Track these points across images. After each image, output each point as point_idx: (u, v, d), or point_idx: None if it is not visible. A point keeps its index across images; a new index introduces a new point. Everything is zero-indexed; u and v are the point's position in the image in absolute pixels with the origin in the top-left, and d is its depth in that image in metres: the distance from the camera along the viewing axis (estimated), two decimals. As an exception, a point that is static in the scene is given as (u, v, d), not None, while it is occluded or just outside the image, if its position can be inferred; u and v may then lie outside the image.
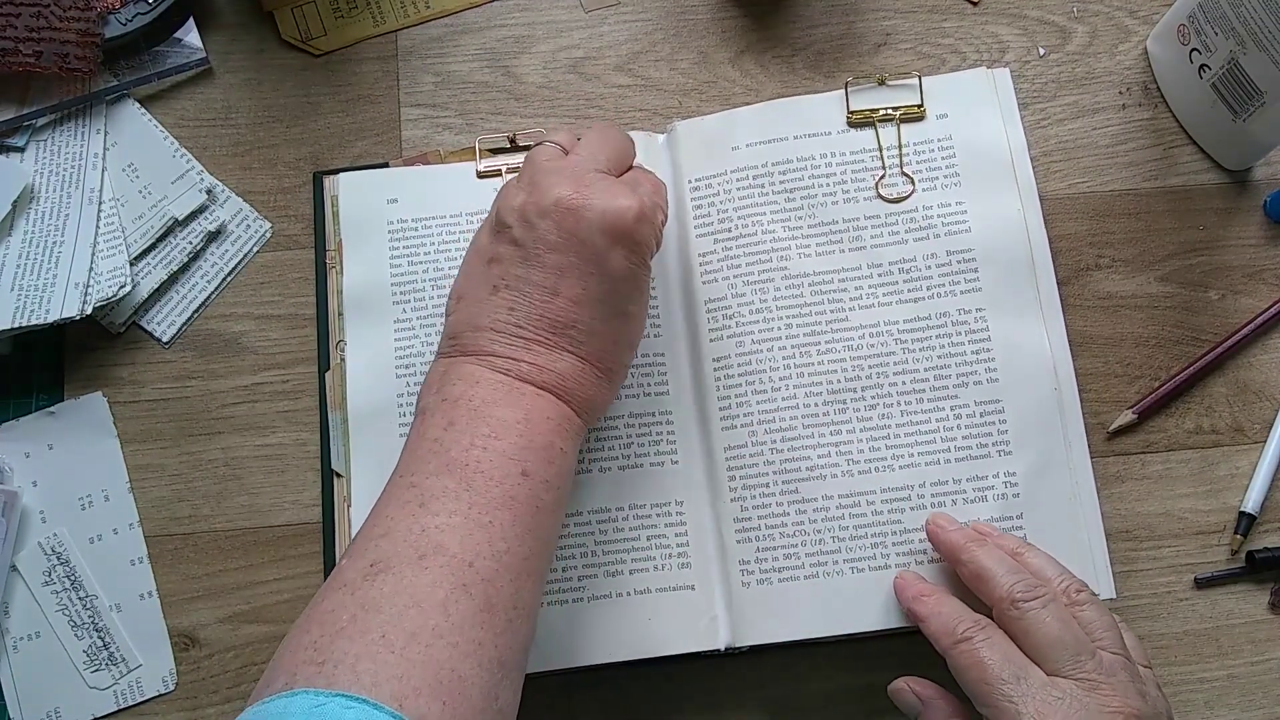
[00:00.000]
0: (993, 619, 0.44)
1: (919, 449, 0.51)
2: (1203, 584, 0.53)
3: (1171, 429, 0.55)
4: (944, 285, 0.53)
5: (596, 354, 0.45)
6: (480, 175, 0.56)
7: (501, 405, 0.42)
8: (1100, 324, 0.56)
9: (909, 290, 0.53)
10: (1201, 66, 0.55)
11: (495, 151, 0.57)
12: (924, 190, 0.54)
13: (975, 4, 0.61)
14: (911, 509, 0.50)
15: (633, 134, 0.56)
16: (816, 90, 0.59)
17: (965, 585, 0.47)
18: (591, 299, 0.44)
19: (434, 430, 0.42)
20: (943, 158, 0.55)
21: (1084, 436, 0.52)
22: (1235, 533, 0.53)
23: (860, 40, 0.60)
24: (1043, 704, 0.40)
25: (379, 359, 0.54)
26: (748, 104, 0.57)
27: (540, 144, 0.49)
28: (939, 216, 0.54)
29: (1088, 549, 0.50)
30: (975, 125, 0.55)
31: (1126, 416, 0.54)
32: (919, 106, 0.56)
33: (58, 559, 0.53)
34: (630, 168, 0.49)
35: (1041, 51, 0.60)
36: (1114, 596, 0.50)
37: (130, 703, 0.51)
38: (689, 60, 0.60)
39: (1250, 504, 0.53)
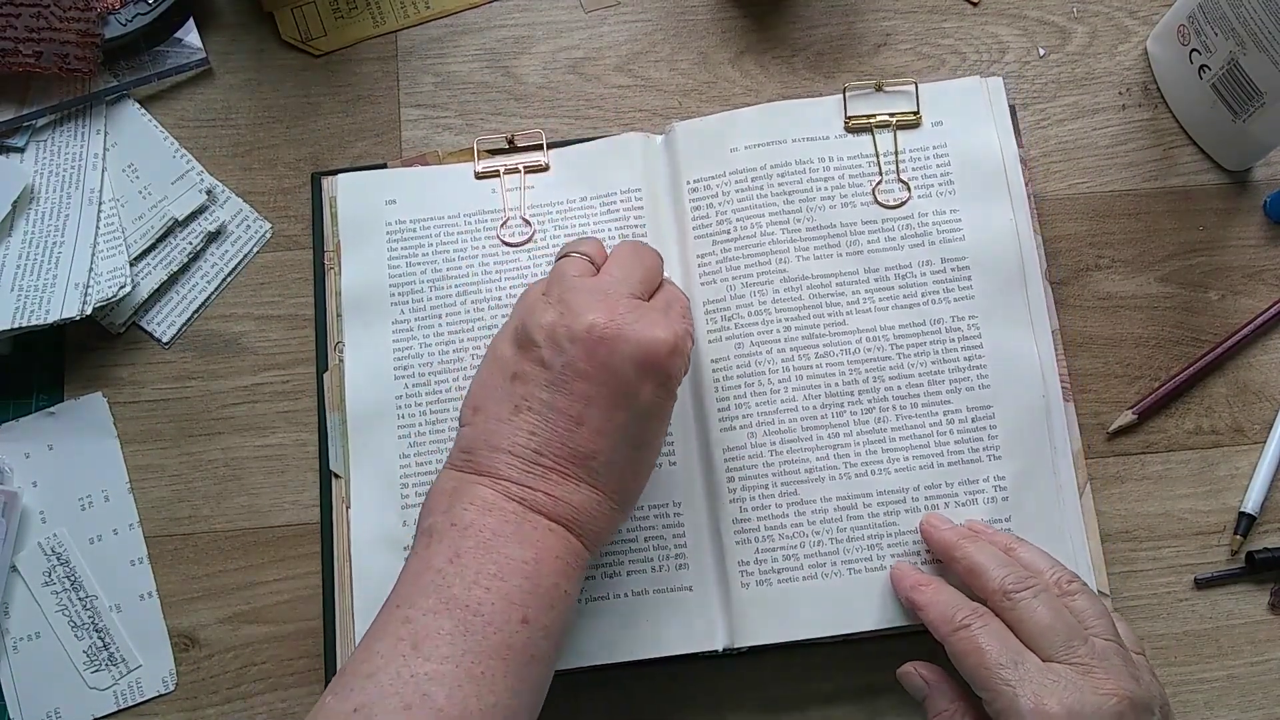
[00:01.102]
0: None
1: (913, 453, 0.51)
2: (1202, 584, 0.53)
3: (1171, 429, 0.55)
4: (938, 292, 0.53)
5: (613, 485, 0.44)
6: (478, 176, 0.56)
7: (512, 541, 0.41)
8: (1100, 324, 0.56)
9: (905, 296, 0.53)
10: (1201, 67, 0.55)
11: (493, 152, 0.57)
12: (919, 197, 0.54)
13: (975, 4, 0.61)
14: (906, 511, 0.50)
15: (631, 135, 0.56)
16: (817, 91, 0.59)
17: (959, 582, 0.47)
18: (615, 430, 0.43)
19: (439, 560, 0.41)
20: (938, 165, 0.55)
21: (1069, 443, 0.52)
22: (1235, 533, 0.53)
23: (860, 41, 0.60)
24: (1039, 687, 0.41)
25: (377, 360, 0.54)
26: (748, 104, 0.57)
27: (567, 255, 0.47)
28: (934, 224, 0.54)
29: (1071, 551, 0.50)
30: (970, 135, 0.55)
31: (1126, 417, 0.54)
32: (915, 113, 0.56)
33: (58, 559, 0.53)
34: (660, 284, 0.48)
35: (1041, 52, 0.60)
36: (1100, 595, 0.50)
37: (130, 703, 0.52)
38: (689, 61, 0.60)
39: (1250, 504, 0.53)
